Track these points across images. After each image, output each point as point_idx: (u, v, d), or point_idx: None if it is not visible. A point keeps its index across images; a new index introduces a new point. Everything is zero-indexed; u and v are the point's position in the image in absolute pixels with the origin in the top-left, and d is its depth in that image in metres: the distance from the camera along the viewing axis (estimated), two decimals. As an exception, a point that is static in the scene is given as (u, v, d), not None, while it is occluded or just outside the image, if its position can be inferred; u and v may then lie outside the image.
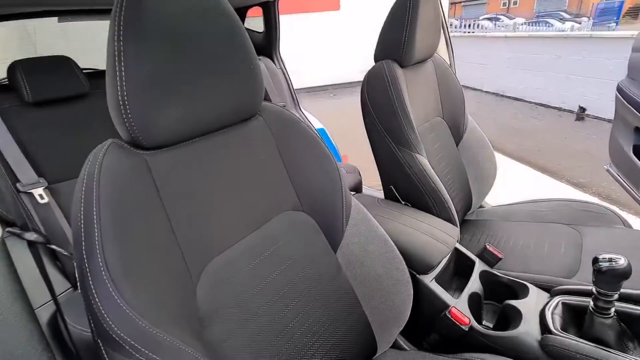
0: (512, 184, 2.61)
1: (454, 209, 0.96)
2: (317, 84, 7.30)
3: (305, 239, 0.63)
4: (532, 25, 12.02)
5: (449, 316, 0.75)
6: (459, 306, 0.77)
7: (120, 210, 0.41)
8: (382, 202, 1.00)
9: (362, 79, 0.99)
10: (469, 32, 8.48)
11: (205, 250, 0.50)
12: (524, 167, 3.08)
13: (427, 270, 0.81)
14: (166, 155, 0.49)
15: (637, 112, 1.59)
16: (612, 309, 0.65)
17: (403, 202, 1.01)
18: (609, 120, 3.85)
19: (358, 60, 6.11)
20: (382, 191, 1.10)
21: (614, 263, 0.60)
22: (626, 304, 0.71)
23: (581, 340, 0.65)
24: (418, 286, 0.80)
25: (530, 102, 5.17)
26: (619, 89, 1.78)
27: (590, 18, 14.38)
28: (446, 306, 0.77)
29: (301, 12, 6.65)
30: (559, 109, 4.69)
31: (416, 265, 0.81)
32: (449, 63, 1.34)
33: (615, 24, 13.27)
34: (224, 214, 0.54)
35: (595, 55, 4.09)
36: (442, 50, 1.51)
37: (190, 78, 0.47)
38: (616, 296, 0.63)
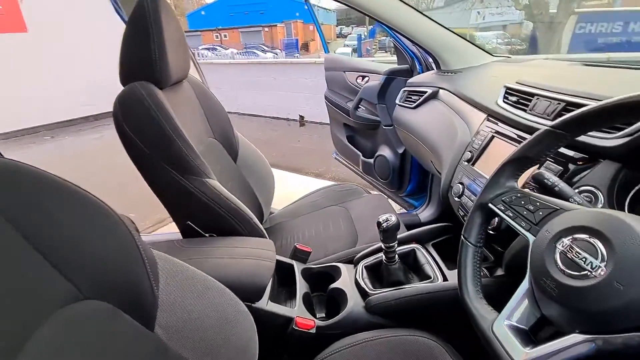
0: (280, 186, 2.96)
1: (258, 222, 0.96)
2: (21, 126, 5.42)
3: (101, 336, 0.42)
4: (244, 55, 14.23)
5: (297, 328, 0.73)
6: (299, 314, 0.78)
7: None
8: (183, 243, 0.85)
9: (86, 113, 0.78)
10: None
11: None
12: (281, 171, 3.58)
13: (260, 293, 0.76)
14: None
15: (341, 112, 2.19)
16: (396, 256, 0.84)
17: (207, 235, 0.90)
18: (321, 123, 5.11)
19: (75, 91, 5.01)
20: (178, 230, 0.94)
21: (389, 221, 0.78)
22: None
23: (386, 289, 0.81)
24: (256, 314, 0.74)
25: (265, 117, 6.06)
26: (326, 97, 2.38)
27: (282, 50, 18.83)
28: (290, 320, 0.76)
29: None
30: (287, 119, 5.78)
31: (248, 294, 0.74)
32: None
33: (298, 54, 18.13)
34: None
35: (297, 75, 5.32)
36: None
37: None
38: (396, 245, 0.82)
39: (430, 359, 0.67)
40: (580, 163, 0.61)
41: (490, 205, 0.52)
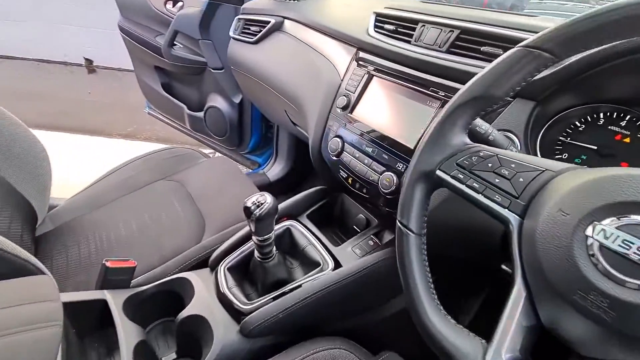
0: (69, 161, 2.13)
1: (12, 247, 0.50)
2: None
3: None
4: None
5: None
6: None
7: None
8: None
9: None
10: None
11: None
12: (65, 134, 2.59)
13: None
14: None
15: (149, 51, 1.63)
16: (273, 249, 0.60)
17: None
18: (120, 69, 3.99)
19: None
20: None
21: (265, 205, 0.51)
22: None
23: (265, 298, 0.58)
24: None
25: (28, 59, 4.24)
26: (122, 30, 1.72)
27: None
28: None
29: None
30: (66, 63, 4.22)
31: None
32: None
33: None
34: None
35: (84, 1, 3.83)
36: None
37: None
38: (273, 236, 0.58)
39: None
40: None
41: (439, 173, 0.34)
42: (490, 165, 0.32)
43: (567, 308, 0.25)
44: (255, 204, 0.51)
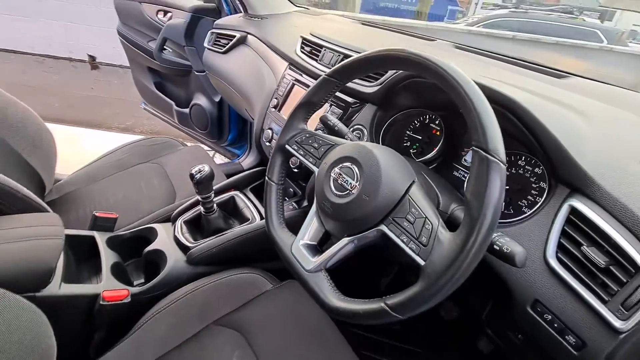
0: (72, 148, 2.37)
1: (32, 195, 0.75)
2: None
3: None
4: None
5: (105, 302, 0.65)
6: (108, 287, 0.69)
7: None
8: None
9: None
10: None
11: None
12: (71, 127, 2.84)
13: (45, 279, 0.62)
14: None
15: (143, 54, 1.87)
16: (214, 205, 0.85)
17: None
18: (121, 66, 4.22)
19: None
20: None
21: (203, 172, 0.76)
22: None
23: (208, 239, 0.82)
24: (46, 303, 0.61)
25: (34, 54, 4.49)
26: (120, 34, 1.96)
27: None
28: (95, 296, 0.66)
29: None
30: (71, 59, 4.47)
31: (29, 283, 0.59)
32: None
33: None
34: None
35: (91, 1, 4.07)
36: None
37: None
38: (213, 195, 0.82)
39: (253, 288, 0.74)
40: (354, 106, 0.75)
41: (287, 146, 0.58)
42: (310, 141, 0.56)
43: (321, 211, 0.49)
44: (197, 171, 0.76)
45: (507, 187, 0.58)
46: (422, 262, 0.38)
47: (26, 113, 1.01)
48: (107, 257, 0.76)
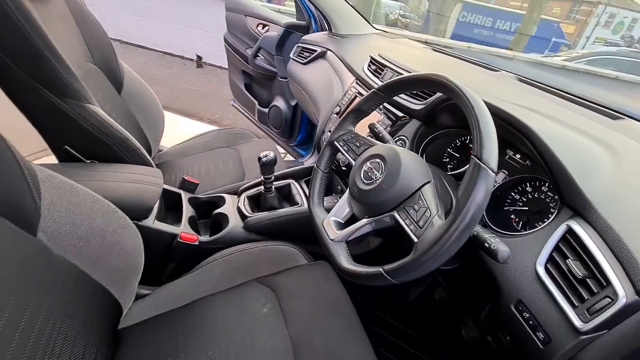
0: (172, 129, 2.82)
1: (146, 152, 1.00)
2: None
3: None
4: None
5: (181, 241, 0.85)
6: (184, 230, 0.89)
7: None
8: (64, 167, 0.84)
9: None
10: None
11: None
12: (172, 114, 3.36)
13: (146, 214, 0.84)
14: None
15: (240, 59, 2.19)
16: (272, 187, 1.02)
17: (88, 161, 0.90)
18: (221, 67, 4.82)
19: None
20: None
21: (268, 156, 0.93)
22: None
23: (262, 213, 0.99)
24: (143, 231, 0.83)
25: (156, 51, 5.37)
26: (226, 40, 2.32)
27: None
28: (175, 235, 0.87)
29: None
30: (182, 57, 5.25)
31: (134, 214, 0.81)
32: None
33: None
34: None
35: (197, 7, 4.81)
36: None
37: None
38: (273, 177, 0.99)
39: (291, 260, 0.89)
40: (402, 120, 0.86)
41: (335, 142, 0.72)
42: (354, 140, 0.69)
43: (350, 196, 0.61)
44: (264, 155, 0.94)
45: (527, 209, 0.64)
46: (415, 239, 0.48)
47: (148, 92, 1.31)
48: (187, 211, 0.98)
